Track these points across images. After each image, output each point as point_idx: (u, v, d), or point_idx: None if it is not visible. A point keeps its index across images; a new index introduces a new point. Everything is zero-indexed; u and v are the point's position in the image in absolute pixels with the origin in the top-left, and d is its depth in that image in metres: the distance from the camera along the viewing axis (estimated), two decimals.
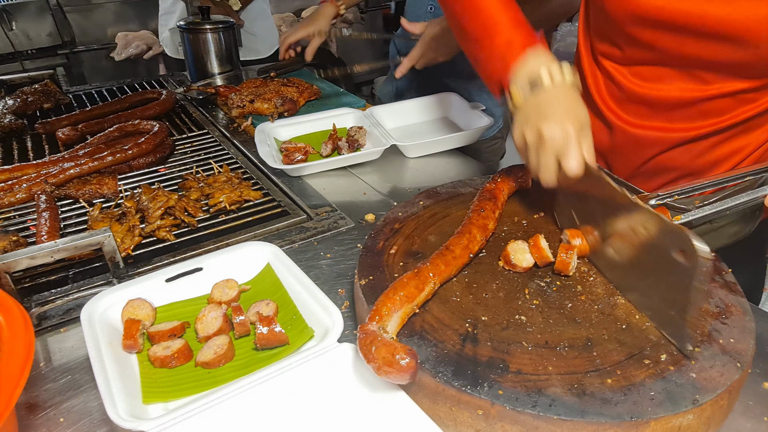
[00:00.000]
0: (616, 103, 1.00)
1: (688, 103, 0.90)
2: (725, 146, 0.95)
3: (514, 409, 0.59)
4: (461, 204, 0.97)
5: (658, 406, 0.58)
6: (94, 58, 3.44)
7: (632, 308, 0.72)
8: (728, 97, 0.87)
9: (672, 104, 0.92)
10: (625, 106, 0.99)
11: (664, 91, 0.92)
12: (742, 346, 0.65)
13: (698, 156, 0.97)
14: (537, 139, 0.80)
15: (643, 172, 1.04)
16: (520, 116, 0.84)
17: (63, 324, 0.84)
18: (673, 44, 0.85)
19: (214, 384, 0.71)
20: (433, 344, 0.67)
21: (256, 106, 1.62)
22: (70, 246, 0.85)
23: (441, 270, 0.73)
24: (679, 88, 0.90)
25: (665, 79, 0.91)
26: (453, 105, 1.56)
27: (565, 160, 0.77)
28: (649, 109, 0.96)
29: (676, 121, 0.93)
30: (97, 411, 0.69)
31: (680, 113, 0.92)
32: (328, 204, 1.17)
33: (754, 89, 0.85)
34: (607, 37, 0.96)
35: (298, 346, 0.76)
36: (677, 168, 1.00)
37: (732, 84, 0.85)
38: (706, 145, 0.95)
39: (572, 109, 0.79)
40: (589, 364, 0.64)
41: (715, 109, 0.90)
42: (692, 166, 0.98)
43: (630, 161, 1.04)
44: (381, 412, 0.65)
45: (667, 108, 0.93)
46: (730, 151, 0.95)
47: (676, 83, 0.90)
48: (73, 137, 1.45)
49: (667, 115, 0.94)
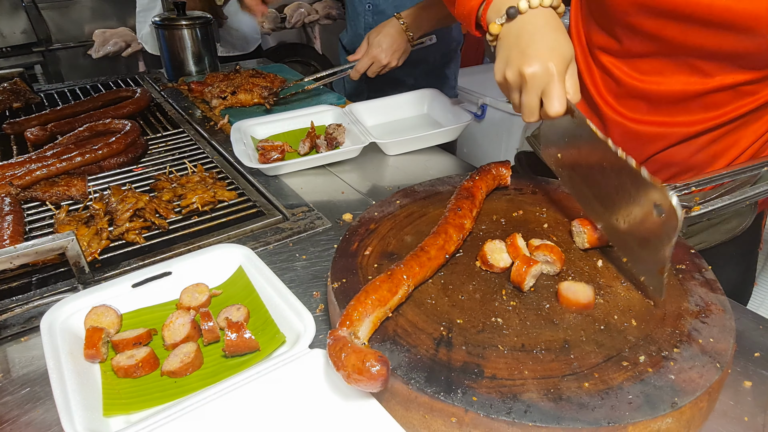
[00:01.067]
0: (613, 98, 0.97)
1: (689, 96, 0.88)
2: (724, 141, 0.93)
3: (488, 416, 0.57)
4: (439, 202, 0.94)
5: (636, 410, 0.56)
6: (72, 56, 3.37)
7: (610, 308, 0.71)
8: (729, 89, 0.85)
9: (673, 98, 0.90)
10: (624, 101, 0.96)
11: (664, 84, 0.89)
12: (722, 345, 0.64)
13: (697, 151, 0.95)
14: (519, 78, 0.78)
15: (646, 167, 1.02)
16: (500, 53, 0.81)
17: (24, 333, 0.80)
18: (677, 34, 0.82)
19: (180, 394, 0.68)
20: (406, 349, 0.65)
21: (240, 98, 1.59)
22: (30, 251, 0.81)
23: (415, 272, 0.71)
24: (680, 82, 0.87)
25: (665, 72, 0.88)
26: (433, 101, 1.54)
27: (547, 99, 0.75)
28: (648, 104, 0.93)
29: (677, 115, 0.91)
30: (56, 425, 0.66)
31: (681, 107, 0.90)
32: (305, 204, 1.15)
33: (755, 81, 0.83)
34: (605, 28, 0.93)
35: (269, 353, 0.73)
36: (676, 164, 0.98)
37: (734, 76, 0.83)
38: (705, 140, 0.93)
39: (554, 43, 0.76)
40: (566, 367, 0.62)
41: (715, 103, 0.88)
42: (691, 161, 0.96)
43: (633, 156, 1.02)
44: (353, 421, 0.62)
45: (667, 102, 0.91)
46: (727, 146, 0.93)
47: (677, 76, 0.87)
48: (43, 137, 1.40)
49: (668, 110, 0.91)
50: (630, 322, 0.68)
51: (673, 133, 0.93)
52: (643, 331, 0.67)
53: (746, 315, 0.81)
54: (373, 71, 1.51)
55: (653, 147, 0.97)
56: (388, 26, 1.47)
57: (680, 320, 0.68)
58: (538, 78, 0.75)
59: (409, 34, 1.48)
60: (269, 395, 0.65)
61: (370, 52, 1.48)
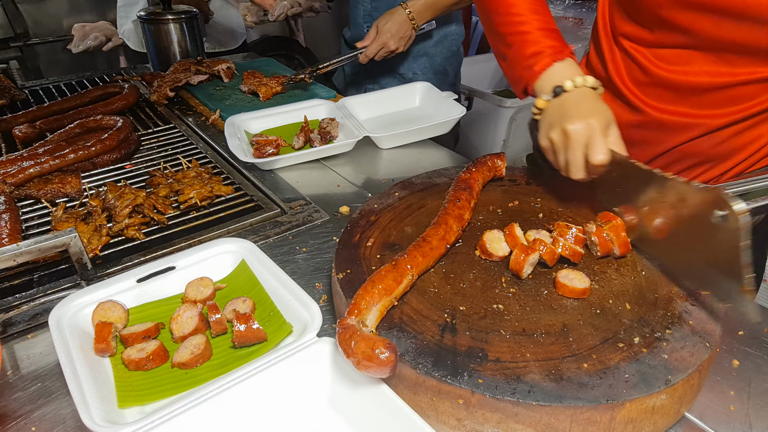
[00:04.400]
0: (638, 86, 0.98)
1: (716, 87, 0.89)
2: (746, 134, 0.94)
3: (494, 397, 0.59)
4: (437, 194, 0.97)
5: (632, 388, 0.60)
6: (50, 51, 3.30)
7: (605, 293, 0.74)
8: (756, 83, 0.87)
9: (699, 89, 0.91)
10: (648, 90, 0.97)
11: (691, 75, 0.90)
12: (710, 326, 0.68)
13: (719, 144, 0.95)
14: (563, 137, 0.83)
15: (661, 159, 1.03)
16: (544, 121, 0.88)
17: (30, 330, 0.81)
18: (709, 27, 0.83)
19: (191, 385, 0.69)
20: (413, 336, 0.67)
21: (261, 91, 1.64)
22: (33, 248, 0.82)
23: (418, 261, 0.74)
24: (707, 72, 0.89)
25: (693, 62, 0.89)
26: (426, 95, 1.56)
27: (591, 151, 0.80)
28: (674, 93, 0.94)
29: (702, 107, 0.92)
30: (71, 418, 0.67)
31: (706, 99, 0.91)
32: (302, 197, 1.16)
33: None
34: (635, 19, 0.94)
35: (277, 343, 0.75)
36: (696, 155, 0.99)
37: (762, 70, 0.85)
38: (728, 133, 0.93)
39: (595, 107, 0.83)
40: (565, 349, 0.65)
41: (741, 96, 0.89)
42: (711, 153, 0.97)
43: (651, 148, 1.02)
44: (363, 406, 0.65)
45: (693, 93, 0.92)
46: (749, 140, 0.94)
47: (705, 67, 0.88)
48: (31, 135, 1.39)
49: (693, 101, 0.92)
50: (624, 306, 0.72)
51: (697, 125, 0.93)
52: (636, 314, 0.70)
53: None
54: (380, 56, 1.61)
55: (676, 138, 0.97)
56: (395, 14, 1.60)
57: (671, 303, 0.72)
58: (580, 133, 0.81)
59: (413, 23, 1.60)
60: (280, 383, 0.66)
61: (379, 38, 1.59)
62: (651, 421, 0.62)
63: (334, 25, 4.07)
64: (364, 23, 1.81)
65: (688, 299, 0.72)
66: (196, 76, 1.75)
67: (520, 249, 0.76)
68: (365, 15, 1.81)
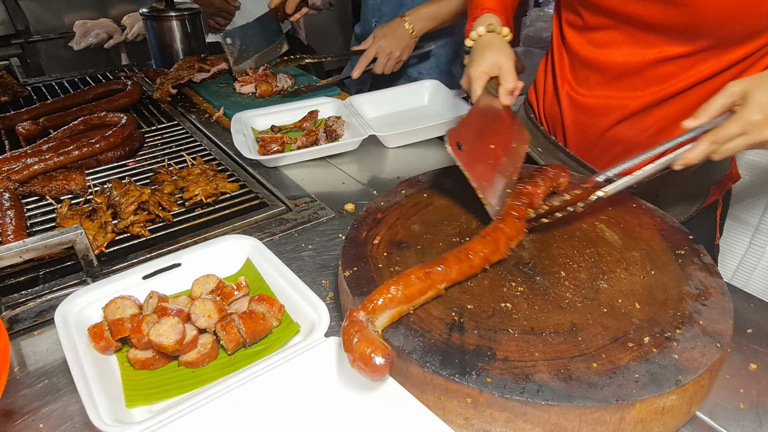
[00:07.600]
0: (570, 71, 1.08)
1: (633, 68, 0.97)
2: (665, 119, 0.99)
3: (503, 396, 0.59)
4: (444, 192, 0.96)
5: (642, 388, 0.59)
6: (52, 48, 3.29)
7: (614, 293, 0.74)
8: (668, 61, 0.93)
9: (618, 69, 0.98)
10: (578, 74, 1.06)
11: (611, 56, 0.98)
12: (721, 326, 0.67)
13: (642, 130, 1.02)
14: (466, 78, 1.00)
15: (596, 147, 1.10)
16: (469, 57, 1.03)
17: (36, 327, 0.81)
18: (617, 3, 0.92)
19: (198, 384, 0.69)
20: (420, 334, 0.67)
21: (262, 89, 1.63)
22: (39, 245, 0.81)
23: (452, 278, 0.71)
24: (624, 53, 0.96)
25: (613, 43, 0.98)
26: (434, 93, 1.55)
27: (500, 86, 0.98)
28: (598, 75, 1.02)
29: (622, 89, 1.00)
30: (78, 415, 0.67)
31: (626, 81, 0.99)
32: (307, 194, 1.16)
33: (689, 54, 0.91)
34: (571, 4, 1.04)
35: (284, 342, 0.74)
36: (622, 142, 1.05)
37: (670, 48, 0.91)
38: (649, 118, 1.00)
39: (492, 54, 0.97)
40: (574, 348, 0.65)
41: (657, 76, 0.95)
42: (636, 140, 1.03)
43: (585, 135, 1.10)
44: (373, 404, 0.64)
45: (613, 75, 0.99)
46: (668, 124, 0.99)
47: (623, 48, 0.96)
48: (35, 132, 1.39)
49: (615, 83, 1.00)
50: (634, 305, 0.71)
51: (617, 107, 1.01)
52: (646, 313, 0.70)
53: (738, 294, 0.85)
54: (381, 63, 1.60)
55: (601, 122, 1.04)
56: (393, 23, 1.62)
57: (681, 303, 0.71)
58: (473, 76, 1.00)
59: (412, 34, 1.61)
60: (288, 382, 0.66)
61: (375, 42, 1.59)
62: (661, 421, 0.61)
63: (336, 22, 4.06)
64: (372, 18, 1.82)
65: (699, 299, 0.72)
66: (199, 74, 1.75)
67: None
68: (374, 9, 1.83)
